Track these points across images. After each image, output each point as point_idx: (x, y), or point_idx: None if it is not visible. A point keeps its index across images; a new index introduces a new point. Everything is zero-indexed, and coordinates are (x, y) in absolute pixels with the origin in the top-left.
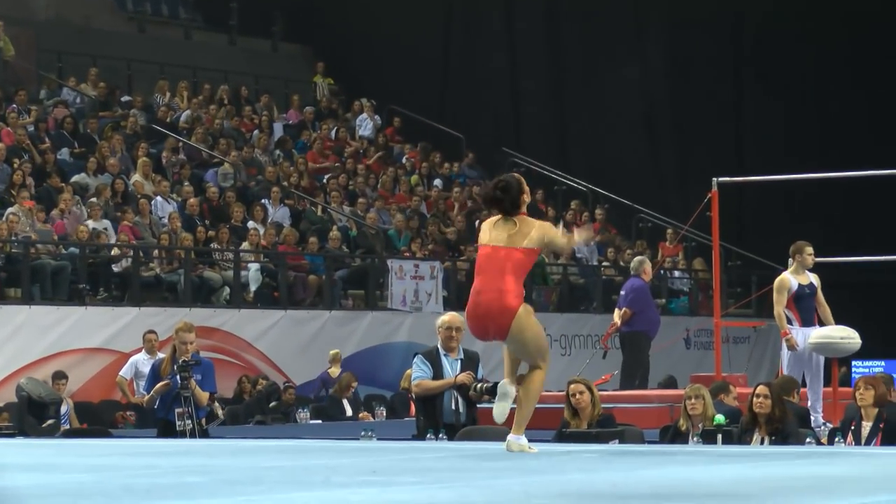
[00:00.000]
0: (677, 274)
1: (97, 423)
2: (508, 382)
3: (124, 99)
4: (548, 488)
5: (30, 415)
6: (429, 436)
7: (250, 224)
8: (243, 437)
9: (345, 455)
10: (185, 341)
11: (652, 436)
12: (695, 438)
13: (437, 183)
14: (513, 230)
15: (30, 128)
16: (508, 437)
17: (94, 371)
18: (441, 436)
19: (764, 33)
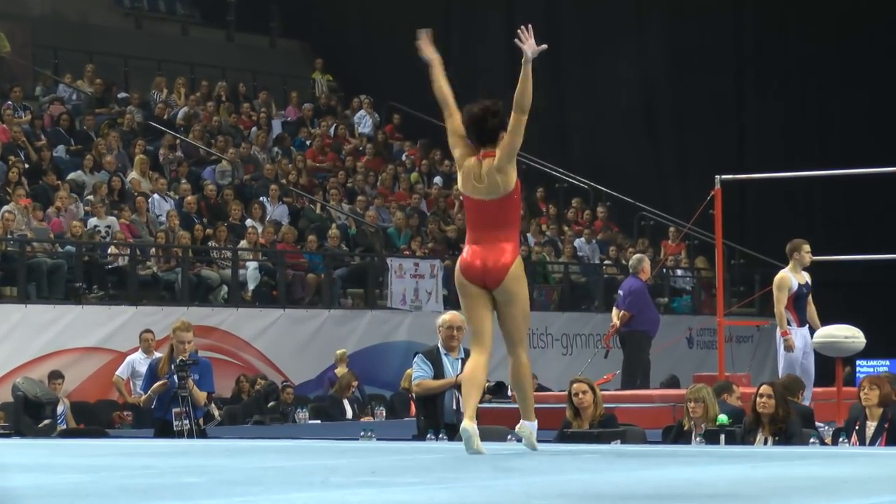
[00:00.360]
0: (680, 272)
1: (94, 423)
2: (469, 422)
3: (121, 96)
4: (548, 489)
5: (26, 415)
6: (429, 436)
7: (248, 222)
8: (241, 438)
9: (344, 455)
10: (182, 340)
11: (654, 436)
12: (697, 438)
13: (437, 180)
14: (492, 176)
15: (25, 125)
16: (522, 421)
17: (91, 371)
18: (441, 436)
19: (764, 31)
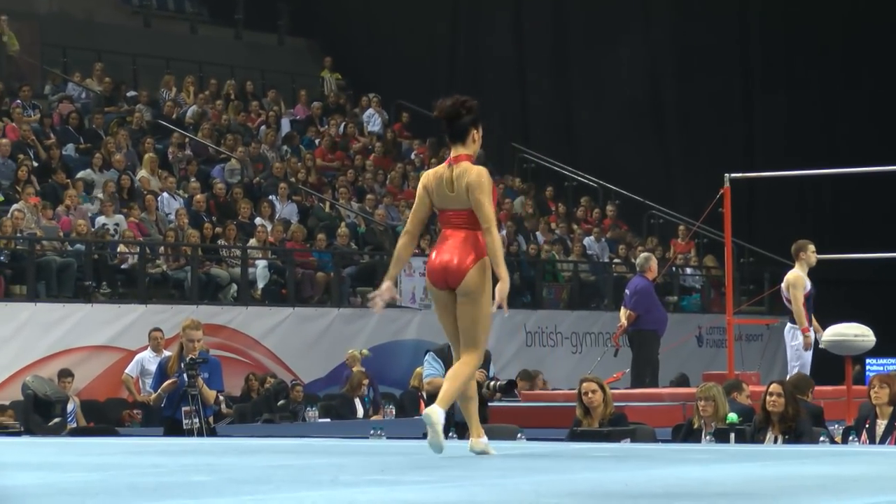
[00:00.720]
0: (689, 271)
1: (103, 421)
2: (437, 406)
3: (130, 94)
4: (558, 487)
5: (36, 413)
6: None
7: (258, 220)
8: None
9: (353, 454)
10: (192, 339)
11: (664, 434)
12: (707, 437)
13: None
14: (456, 184)
15: (35, 123)
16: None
17: (100, 369)
18: (451, 435)
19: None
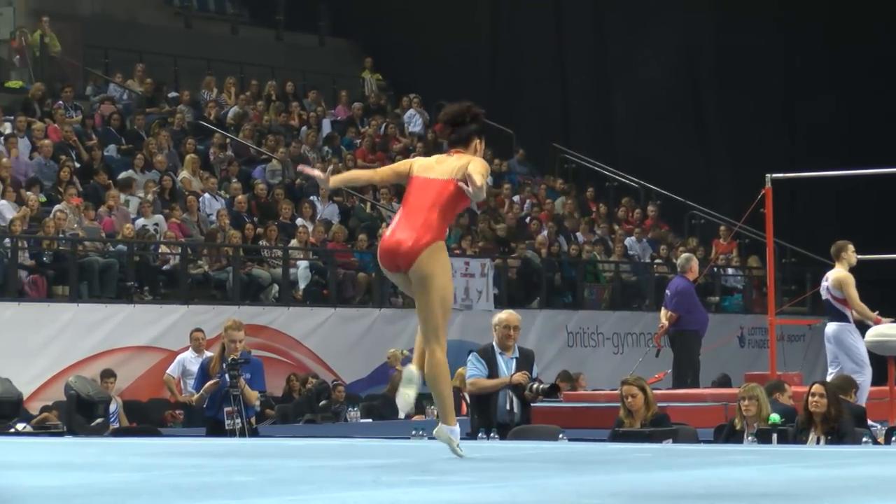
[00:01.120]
0: (731, 271)
1: (146, 421)
2: (415, 367)
3: (171, 95)
4: (600, 488)
5: (78, 413)
6: (480, 435)
7: (299, 221)
8: (293, 436)
9: (395, 454)
10: (233, 339)
11: (706, 435)
12: (750, 438)
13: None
14: (453, 164)
15: (77, 125)
16: (440, 425)
17: (143, 369)
18: (492, 435)
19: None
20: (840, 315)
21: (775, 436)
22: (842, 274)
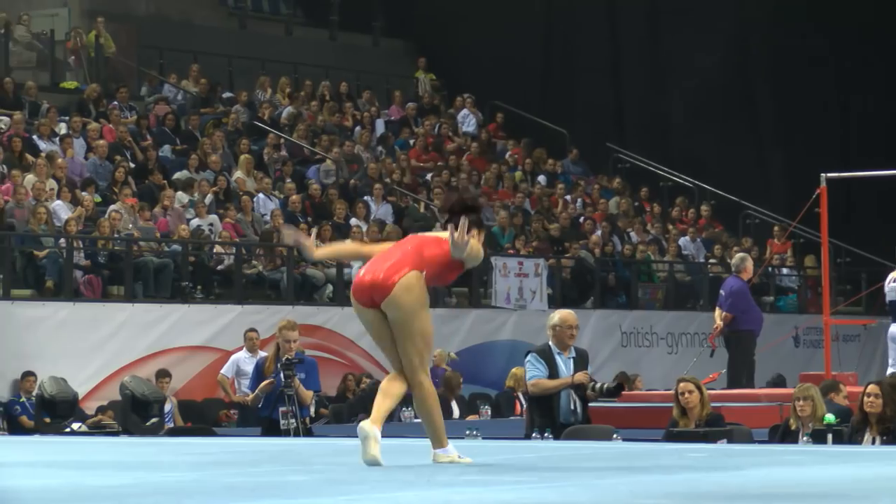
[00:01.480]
0: (785, 271)
1: (200, 421)
2: (370, 423)
3: (225, 95)
4: (654, 488)
5: (134, 413)
6: (534, 435)
7: (353, 221)
8: (347, 436)
9: None
10: (288, 339)
11: (761, 435)
12: (805, 438)
13: (541, 179)
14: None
15: (131, 125)
16: (434, 451)
17: (197, 369)
18: (547, 435)
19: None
20: None
21: (830, 436)
22: None
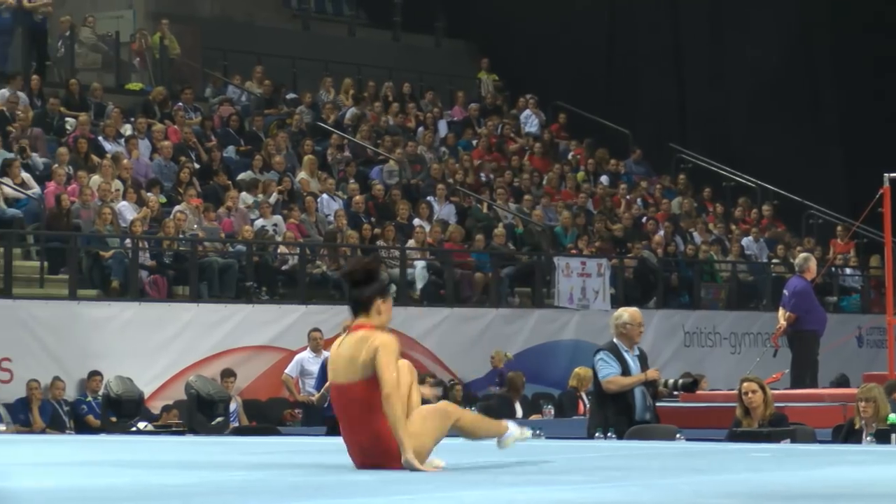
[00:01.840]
0: (848, 271)
1: (265, 420)
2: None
3: (289, 96)
4: (717, 488)
5: (199, 412)
6: (597, 434)
7: (416, 221)
8: None
9: (512, 454)
10: None
11: (824, 435)
12: (868, 438)
13: (604, 179)
14: (353, 354)
15: (196, 126)
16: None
17: (262, 369)
18: (609, 434)
19: None
20: None
21: (894, 436)
22: None
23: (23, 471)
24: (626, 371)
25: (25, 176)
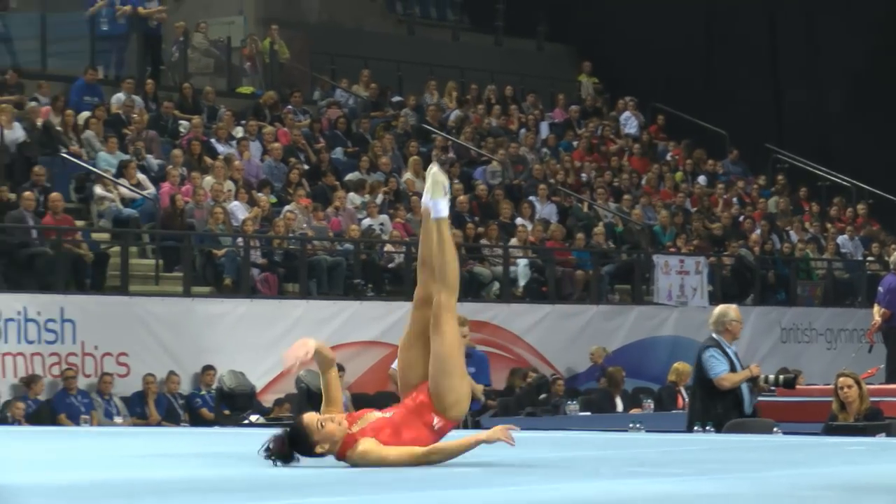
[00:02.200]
0: None
1: None
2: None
3: (395, 99)
4: (815, 481)
5: (309, 406)
6: (696, 428)
7: (518, 220)
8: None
9: (613, 447)
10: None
11: None
12: None
13: (701, 179)
14: None
15: (305, 128)
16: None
17: (370, 363)
18: (708, 428)
19: None
20: None
21: None
22: None
23: (138, 462)
24: (732, 367)
25: (141, 177)
